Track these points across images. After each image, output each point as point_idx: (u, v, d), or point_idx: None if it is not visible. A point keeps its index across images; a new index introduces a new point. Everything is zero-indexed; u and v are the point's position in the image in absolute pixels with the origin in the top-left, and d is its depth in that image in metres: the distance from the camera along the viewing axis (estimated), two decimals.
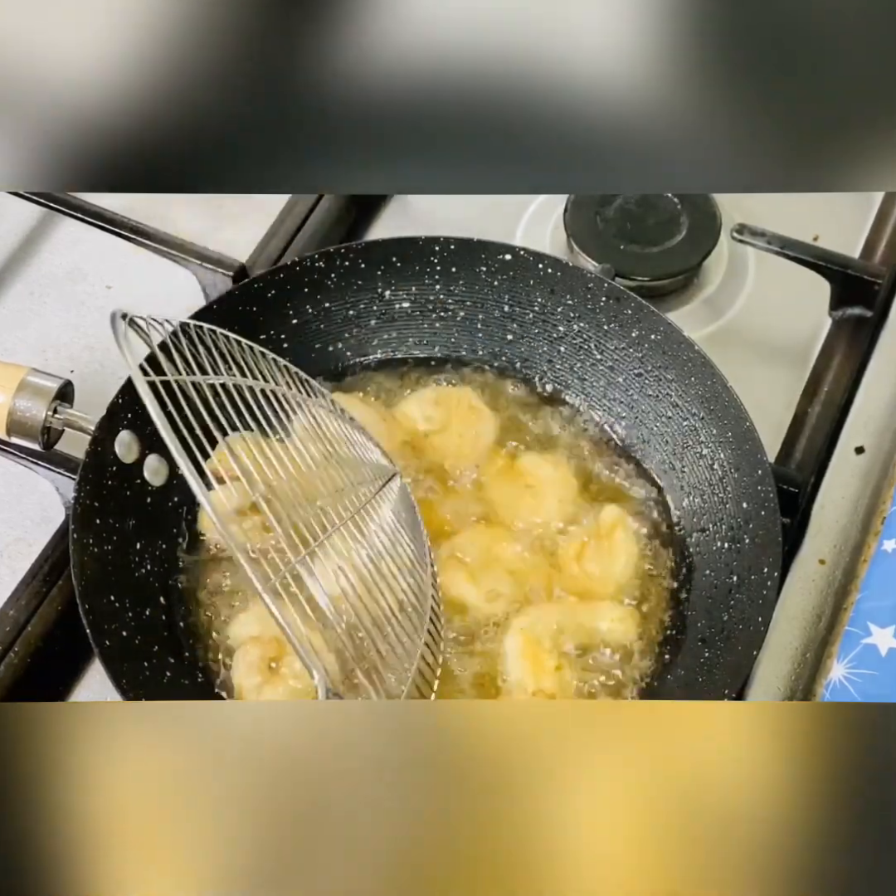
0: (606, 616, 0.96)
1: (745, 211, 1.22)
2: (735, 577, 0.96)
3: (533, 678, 0.92)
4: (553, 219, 1.24)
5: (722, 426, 1.00)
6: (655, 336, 1.04)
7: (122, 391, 0.97)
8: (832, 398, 1.12)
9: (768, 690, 0.95)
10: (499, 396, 1.07)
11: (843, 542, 1.03)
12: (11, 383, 0.95)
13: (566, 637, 0.95)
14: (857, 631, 0.91)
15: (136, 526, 0.97)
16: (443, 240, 1.06)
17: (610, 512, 1.00)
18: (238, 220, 1.24)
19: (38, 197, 1.18)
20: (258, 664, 0.92)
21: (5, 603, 0.98)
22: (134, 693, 0.87)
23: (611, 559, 0.98)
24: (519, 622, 0.95)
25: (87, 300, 1.20)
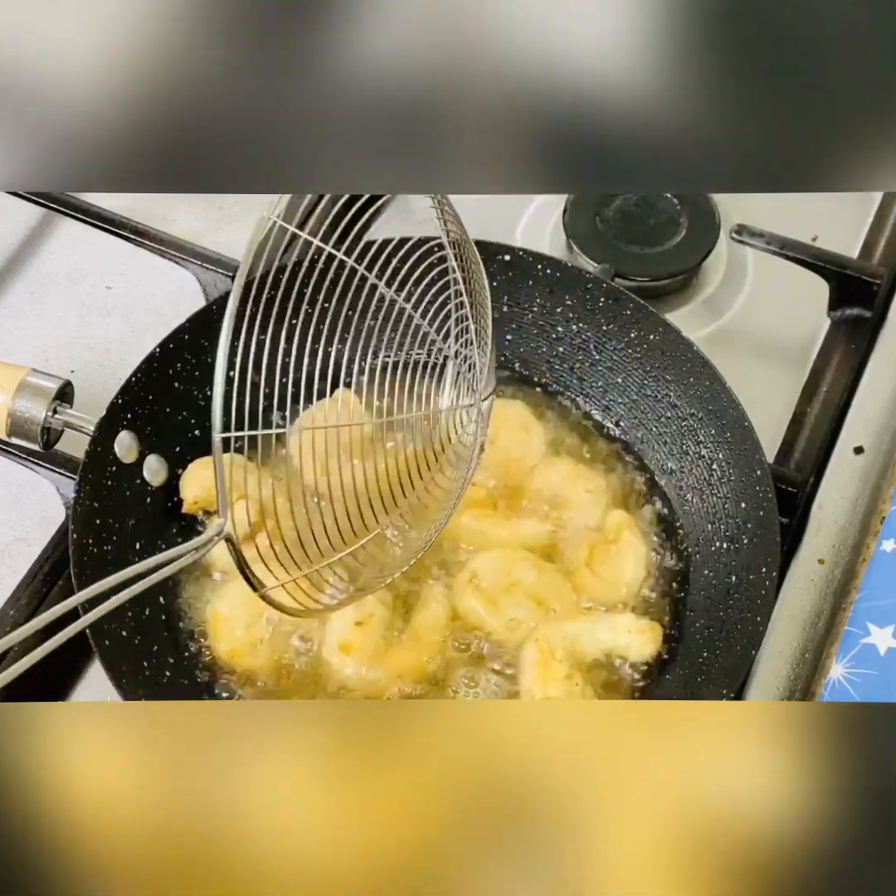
0: (625, 628, 0.95)
1: (744, 211, 1.22)
2: (734, 576, 0.96)
3: (542, 686, 0.92)
4: (553, 219, 1.24)
5: (720, 426, 1.01)
6: (654, 336, 1.04)
7: (121, 391, 0.97)
8: (831, 398, 1.12)
9: (768, 690, 0.95)
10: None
11: (843, 542, 1.03)
12: (11, 384, 0.95)
13: (582, 648, 0.94)
14: (856, 631, 0.91)
15: (136, 526, 0.97)
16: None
17: (616, 516, 1.00)
18: (238, 220, 1.25)
19: (38, 197, 1.18)
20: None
21: (5, 603, 0.98)
22: (133, 693, 0.87)
23: (620, 563, 0.98)
24: (535, 634, 0.95)
25: (87, 300, 1.21)
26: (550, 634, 0.94)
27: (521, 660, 0.94)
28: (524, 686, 0.93)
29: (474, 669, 0.94)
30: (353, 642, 0.93)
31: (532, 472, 1.03)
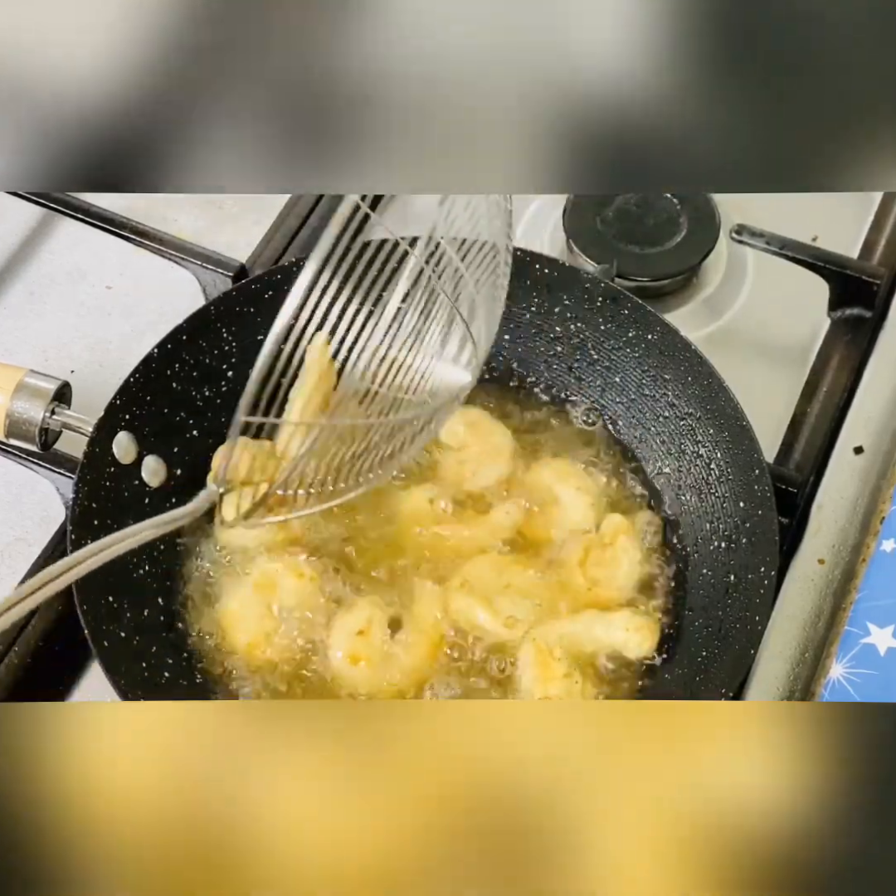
0: (622, 625, 0.95)
1: (744, 211, 1.22)
2: (732, 576, 0.96)
3: (540, 685, 0.92)
4: (552, 219, 1.24)
5: (719, 426, 1.00)
6: (652, 336, 1.04)
7: (119, 392, 0.97)
8: (831, 398, 1.12)
9: (767, 690, 0.95)
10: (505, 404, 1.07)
11: (842, 542, 1.03)
12: (9, 385, 0.95)
13: (580, 646, 0.94)
14: (856, 631, 0.91)
15: None
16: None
17: (613, 520, 1.00)
18: (238, 220, 1.25)
19: (38, 197, 1.19)
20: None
21: None
22: (133, 693, 0.87)
23: (614, 566, 0.98)
24: (532, 633, 0.95)
25: (87, 300, 1.21)
26: (548, 633, 0.94)
27: (520, 659, 0.94)
28: (523, 686, 0.93)
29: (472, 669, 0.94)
30: (360, 652, 0.93)
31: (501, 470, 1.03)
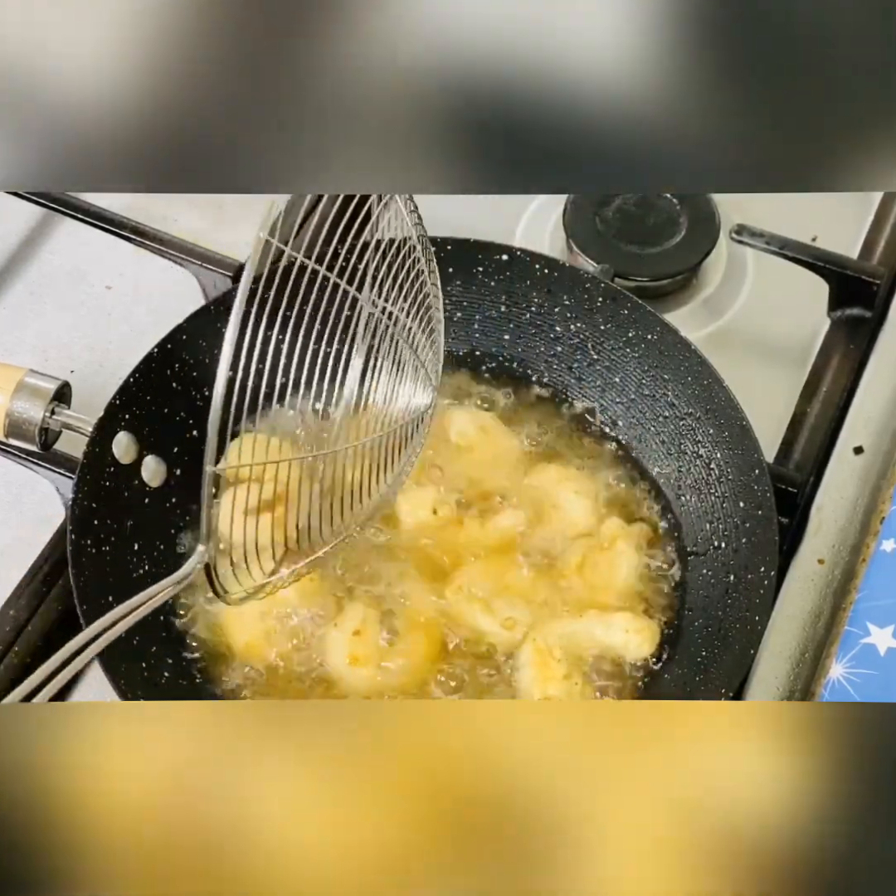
0: (622, 627, 0.95)
1: (743, 211, 1.22)
2: (732, 576, 0.96)
3: (540, 685, 0.92)
4: (552, 219, 1.24)
5: (718, 426, 1.00)
6: (652, 336, 1.04)
7: (119, 392, 0.97)
8: (831, 398, 1.12)
9: (767, 690, 0.95)
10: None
11: (842, 542, 1.03)
12: (9, 385, 0.95)
13: (580, 647, 0.94)
14: (856, 631, 0.91)
15: (135, 527, 0.97)
16: (440, 240, 1.05)
17: (612, 523, 1.00)
18: (238, 220, 1.24)
19: (38, 197, 1.18)
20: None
21: (5, 603, 0.98)
22: (132, 693, 0.87)
23: (613, 570, 0.98)
24: (532, 634, 0.95)
25: (87, 300, 1.21)
26: (548, 634, 0.94)
27: (519, 660, 0.94)
28: (522, 686, 0.93)
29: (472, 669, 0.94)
30: (358, 652, 0.93)
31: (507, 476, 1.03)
